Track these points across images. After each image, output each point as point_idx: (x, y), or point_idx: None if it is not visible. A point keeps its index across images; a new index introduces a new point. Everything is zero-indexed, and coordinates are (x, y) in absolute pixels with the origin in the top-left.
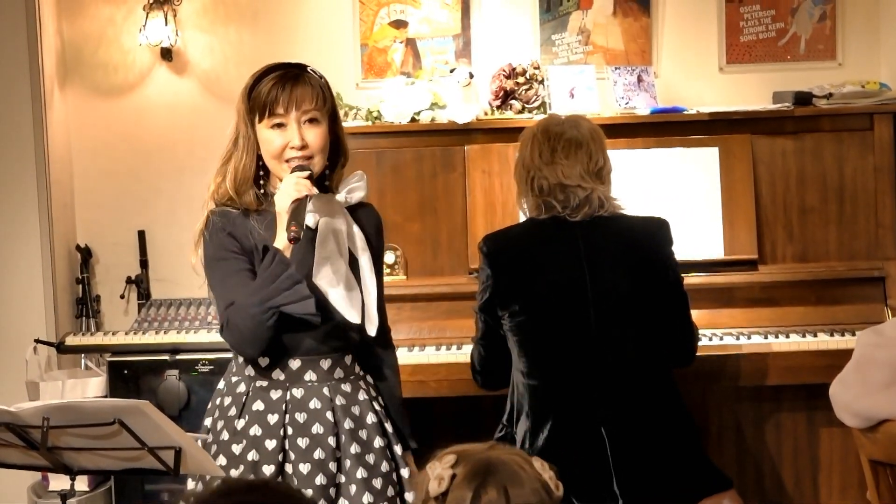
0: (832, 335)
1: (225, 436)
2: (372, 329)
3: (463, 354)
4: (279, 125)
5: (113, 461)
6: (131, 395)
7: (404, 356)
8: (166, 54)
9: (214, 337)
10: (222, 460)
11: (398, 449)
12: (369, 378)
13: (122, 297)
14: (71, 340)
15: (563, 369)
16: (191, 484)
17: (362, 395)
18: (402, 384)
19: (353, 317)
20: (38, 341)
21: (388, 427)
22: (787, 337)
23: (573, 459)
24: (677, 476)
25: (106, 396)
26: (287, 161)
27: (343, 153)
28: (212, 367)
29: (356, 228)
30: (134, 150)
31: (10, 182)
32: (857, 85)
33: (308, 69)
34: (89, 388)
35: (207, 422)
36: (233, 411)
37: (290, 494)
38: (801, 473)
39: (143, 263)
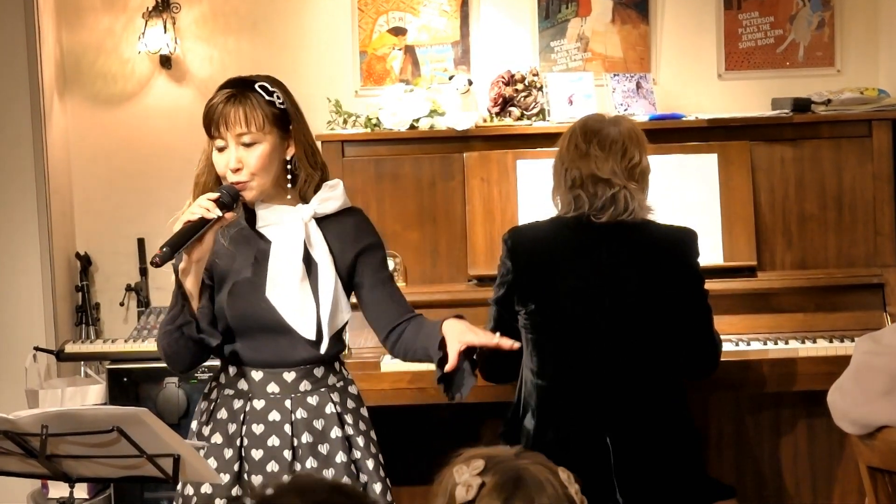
0: (831, 342)
1: (195, 440)
2: (322, 347)
3: None
4: (222, 147)
5: (112, 469)
6: (131, 402)
7: (404, 363)
8: (165, 62)
9: None
10: None
11: (370, 464)
12: (352, 389)
13: (121, 304)
14: (70, 348)
15: (572, 374)
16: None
17: (330, 409)
18: (403, 392)
19: (305, 332)
20: (37, 349)
21: (360, 441)
22: (787, 343)
23: (576, 466)
24: (680, 486)
25: (105, 404)
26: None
27: (306, 160)
28: (211, 374)
29: (318, 240)
30: (133, 158)
31: (9, 191)
32: (856, 92)
33: (256, 85)
34: (89, 395)
35: (193, 425)
36: (204, 417)
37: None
38: (801, 480)
39: (143, 271)
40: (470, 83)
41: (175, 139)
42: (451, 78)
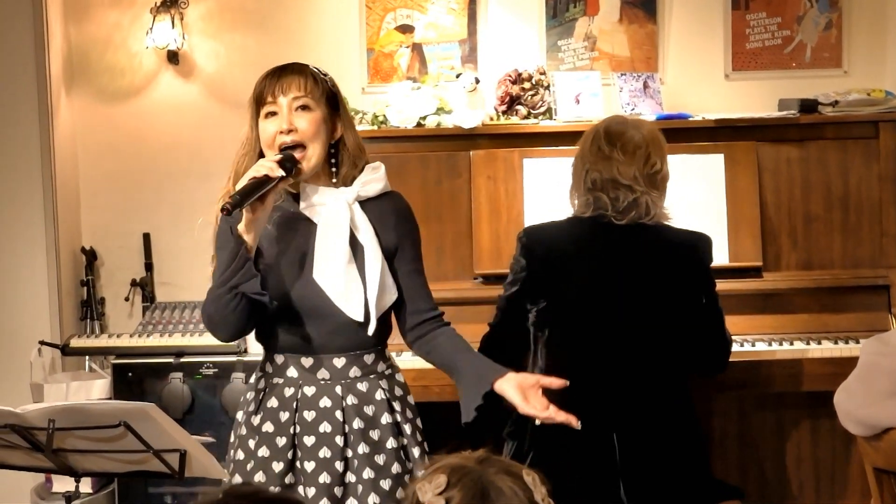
0: (836, 343)
1: (243, 430)
2: (370, 328)
3: None
4: (272, 113)
5: (117, 464)
6: (135, 397)
7: (408, 361)
8: (173, 57)
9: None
10: (240, 455)
11: (416, 451)
12: (398, 377)
13: (126, 299)
14: (75, 342)
15: (581, 372)
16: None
17: (380, 395)
18: None
19: (353, 314)
20: (42, 343)
21: (408, 429)
22: (792, 344)
23: (582, 463)
24: (685, 486)
25: (110, 399)
26: (279, 148)
27: (351, 148)
28: (216, 369)
29: (363, 222)
30: (139, 153)
31: (15, 185)
32: (863, 93)
33: (309, 66)
34: (93, 390)
35: (238, 416)
36: (252, 407)
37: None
38: (805, 480)
39: (148, 266)
40: (477, 81)
41: (182, 134)
42: (458, 76)
